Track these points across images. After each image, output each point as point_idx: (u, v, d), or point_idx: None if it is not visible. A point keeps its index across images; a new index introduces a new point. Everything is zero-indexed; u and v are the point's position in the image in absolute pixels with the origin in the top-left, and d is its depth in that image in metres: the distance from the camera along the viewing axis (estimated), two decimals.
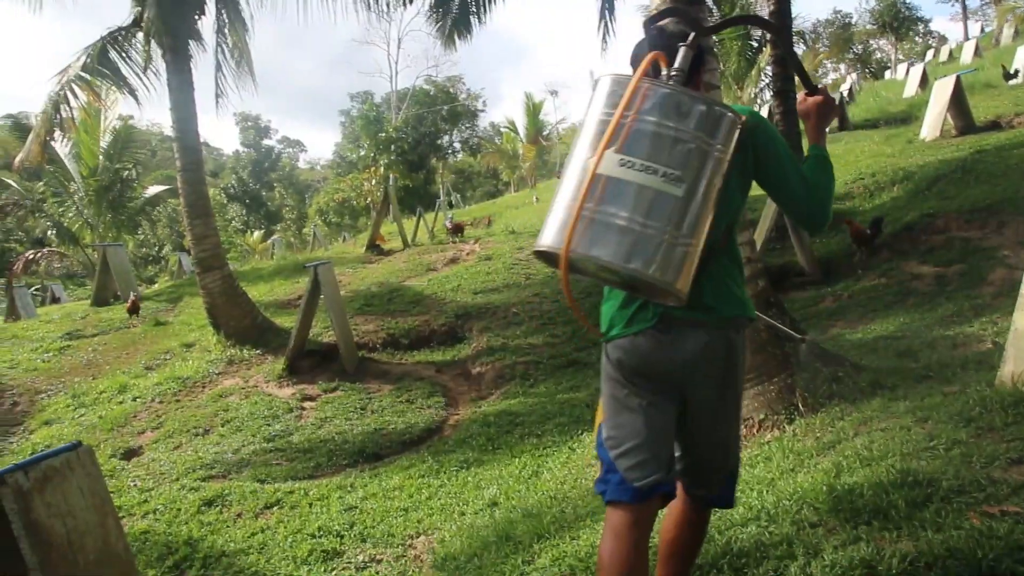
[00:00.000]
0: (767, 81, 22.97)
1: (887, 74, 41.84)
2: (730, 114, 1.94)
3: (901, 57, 48.77)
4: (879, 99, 23.27)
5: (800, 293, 9.10)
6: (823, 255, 10.01)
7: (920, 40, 54.51)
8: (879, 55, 55.50)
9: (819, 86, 2.28)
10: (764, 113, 23.28)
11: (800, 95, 2.31)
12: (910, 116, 18.40)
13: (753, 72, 22.36)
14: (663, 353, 2.13)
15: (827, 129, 2.33)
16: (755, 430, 4.59)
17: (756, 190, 2.31)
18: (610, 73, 1.98)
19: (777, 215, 9.74)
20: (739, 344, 2.22)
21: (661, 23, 2.19)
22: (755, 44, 22.16)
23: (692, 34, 2.05)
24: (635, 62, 2.15)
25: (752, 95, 23.25)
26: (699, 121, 1.88)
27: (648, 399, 2.16)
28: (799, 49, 29.96)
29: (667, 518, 2.40)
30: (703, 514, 2.41)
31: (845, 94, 22.23)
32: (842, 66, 54.13)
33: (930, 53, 39.88)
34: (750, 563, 2.75)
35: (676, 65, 1.99)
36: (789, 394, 4.61)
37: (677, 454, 2.28)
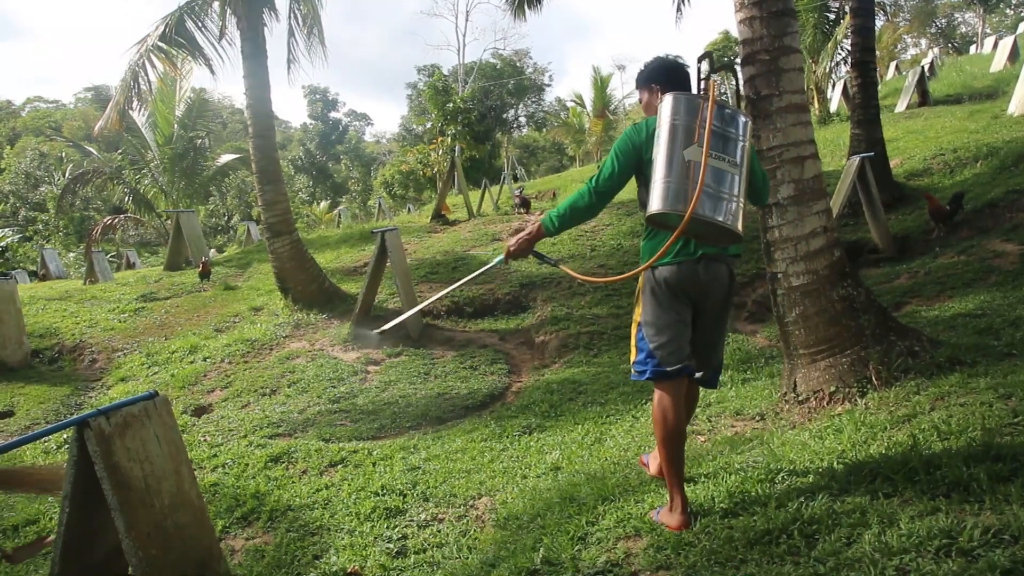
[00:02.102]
0: (843, 55, 22.19)
1: (972, 48, 40.14)
2: (748, 118, 3.01)
3: (989, 31, 46.62)
4: (963, 74, 22.34)
5: (873, 269, 8.83)
6: (898, 231, 9.70)
7: (1011, 12, 52.00)
8: (964, 29, 53.22)
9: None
10: (840, 86, 22.58)
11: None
12: (996, 91, 17.63)
13: (829, 45, 21.58)
14: (698, 276, 3.13)
15: None
16: (825, 402, 4.48)
17: (830, 165, 2.34)
18: (671, 93, 2.95)
19: (851, 190, 9.44)
20: (734, 273, 3.30)
21: (705, 57, 3.28)
22: (832, 16, 21.40)
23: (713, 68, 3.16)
24: (649, 79, 3.44)
25: (827, 69, 22.49)
26: (739, 125, 2.93)
27: (680, 308, 3.17)
28: (878, 22, 28.88)
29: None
30: (695, 388, 3.49)
31: (926, 69, 21.33)
32: (923, 41, 52.12)
33: (1022, 25, 38.03)
34: (821, 530, 2.69)
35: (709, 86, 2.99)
36: (862, 367, 4.48)
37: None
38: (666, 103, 2.92)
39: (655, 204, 2.83)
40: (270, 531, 4.69)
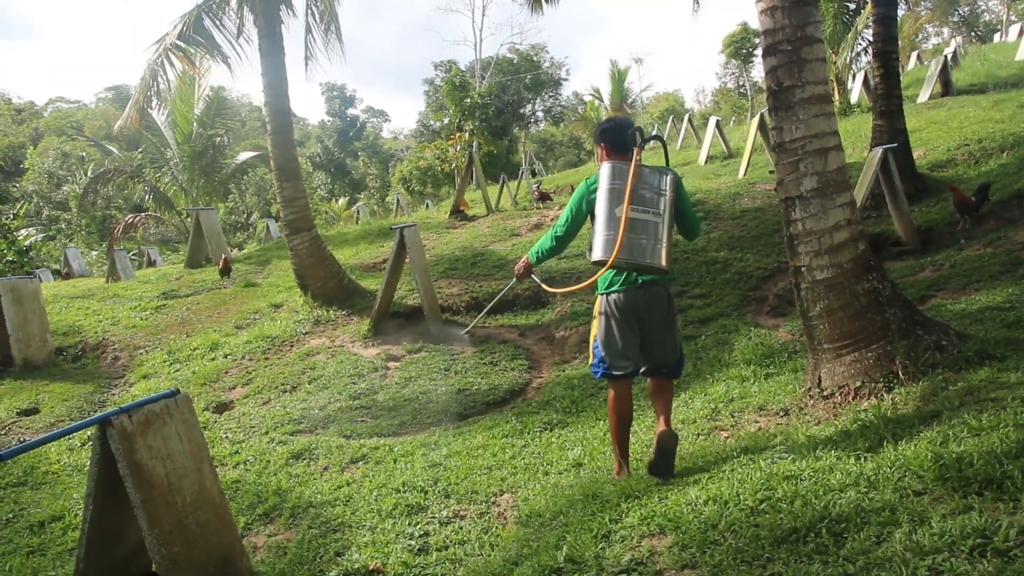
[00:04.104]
0: (864, 45, 21.92)
1: (996, 37, 39.58)
2: (671, 175, 3.84)
3: (1014, 18, 45.83)
4: (987, 63, 22.05)
5: (897, 263, 8.71)
6: (922, 224, 9.55)
7: None
8: (988, 17, 52.52)
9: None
10: (861, 76, 22.28)
11: None
12: (1022, 80, 17.39)
13: (849, 36, 21.31)
14: (640, 299, 4.01)
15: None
16: (850, 398, 4.42)
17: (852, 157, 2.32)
18: (608, 162, 3.87)
19: (874, 182, 9.31)
20: (672, 293, 4.14)
21: (634, 128, 4.04)
22: (852, 5, 21.13)
23: (643, 139, 4.02)
24: (606, 136, 4.12)
25: (847, 59, 22.22)
26: (661, 181, 3.79)
27: (627, 325, 4.03)
28: (899, 11, 28.50)
29: (650, 388, 4.28)
30: (665, 380, 4.22)
31: (948, 58, 21.02)
32: (945, 29, 51.49)
33: None
34: (850, 528, 2.64)
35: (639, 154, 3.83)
36: (888, 362, 4.41)
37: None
38: (603, 170, 3.84)
39: (595, 254, 3.77)
40: (292, 528, 4.69)
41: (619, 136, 4.08)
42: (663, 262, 3.71)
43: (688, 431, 5.03)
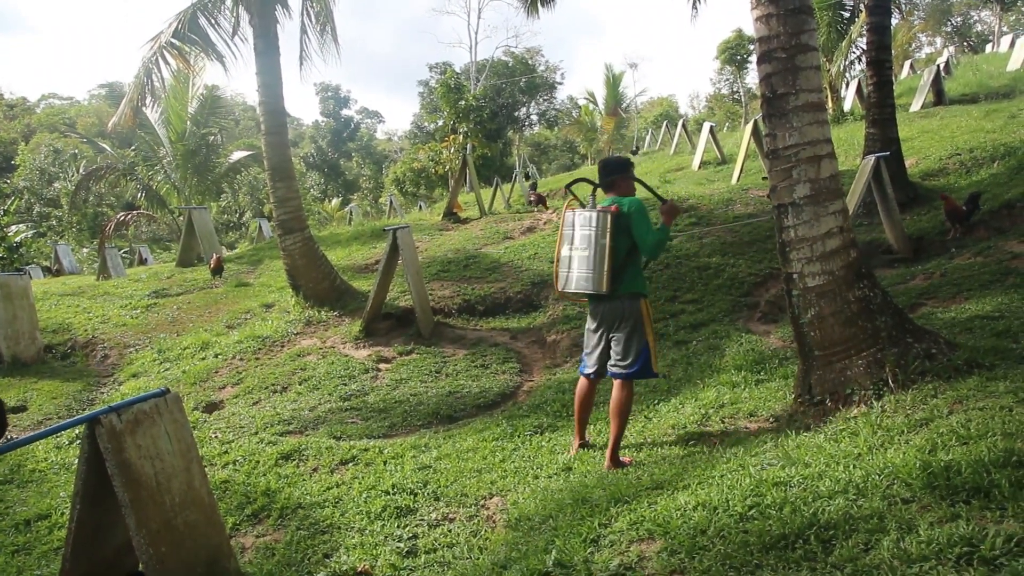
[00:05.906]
0: (858, 53, 22.01)
1: (988, 47, 39.81)
2: (605, 214, 4.62)
3: (1006, 29, 46.08)
4: (979, 73, 22.16)
5: (888, 270, 8.74)
6: (914, 232, 9.60)
7: None
8: (980, 27, 52.79)
9: (666, 200, 4.92)
10: (855, 85, 22.34)
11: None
12: (1013, 91, 17.49)
13: (843, 44, 21.38)
14: (596, 311, 4.90)
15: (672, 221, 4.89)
16: (840, 404, 4.43)
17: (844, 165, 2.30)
18: (568, 209, 4.92)
19: (866, 190, 9.35)
20: (632, 305, 4.78)
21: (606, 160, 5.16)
22: (847, 14, 21.21)
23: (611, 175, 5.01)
24: (607, 169, 5.06)
25: (841, 68, 22.29)
26: (590, 222, 4.67)
27: (592, 332, 4.97)
28: (894, 21, 28.59)
29: (613, 393, 4.81)
30: (617, 384, 4.79)
31: (941, 68, 21.11)
32: (938, 39, 51.76)
33: None
34: (838, 535, 2.65)
35: (596, 196, 4.92)
36: (878, 369, 4.42)
37: (608, 359, 4.88)
38: (565, 216, 4.89)
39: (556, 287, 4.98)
40: (280, 529, 4.68)
41: (601, 168, 5.11)
42: (599, 287, 4.64)
43: (678, 436, 5.04)
